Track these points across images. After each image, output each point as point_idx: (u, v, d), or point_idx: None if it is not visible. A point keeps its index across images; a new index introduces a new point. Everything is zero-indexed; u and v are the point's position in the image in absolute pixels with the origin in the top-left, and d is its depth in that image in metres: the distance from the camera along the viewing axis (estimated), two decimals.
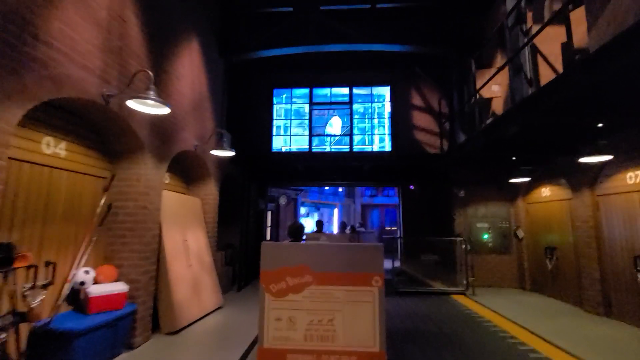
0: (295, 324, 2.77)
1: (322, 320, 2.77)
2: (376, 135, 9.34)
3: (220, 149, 5.67)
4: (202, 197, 6.49)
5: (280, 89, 9.61)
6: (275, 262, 2.87)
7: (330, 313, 2.78)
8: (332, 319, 2.77)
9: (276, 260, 2.87)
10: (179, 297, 4.82)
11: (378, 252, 2.88)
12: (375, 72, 9.28)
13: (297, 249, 3.02)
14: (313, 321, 2.77)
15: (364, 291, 2.80)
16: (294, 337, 2.76)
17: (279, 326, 2.77)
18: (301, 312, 2.78)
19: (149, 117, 4.32)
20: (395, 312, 6.14)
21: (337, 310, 2.78)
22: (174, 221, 5.25)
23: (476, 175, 8.65)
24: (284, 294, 2.81)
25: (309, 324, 2.77)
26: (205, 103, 6.24)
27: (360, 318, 2.77)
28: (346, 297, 2.80)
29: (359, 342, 2.77)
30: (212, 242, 6.55)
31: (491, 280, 8.31)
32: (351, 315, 2.77)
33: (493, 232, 8.49)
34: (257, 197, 9.67)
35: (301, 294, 2.81)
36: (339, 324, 2.77)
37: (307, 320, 2.78)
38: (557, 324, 5.35)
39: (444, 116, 8.83)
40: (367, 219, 19.00)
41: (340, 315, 2.77)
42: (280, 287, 2.82)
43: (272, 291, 2.81)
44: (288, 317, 2.79)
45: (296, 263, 2.84)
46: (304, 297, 2.81)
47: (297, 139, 9.43)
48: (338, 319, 2.78)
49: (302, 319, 2.78)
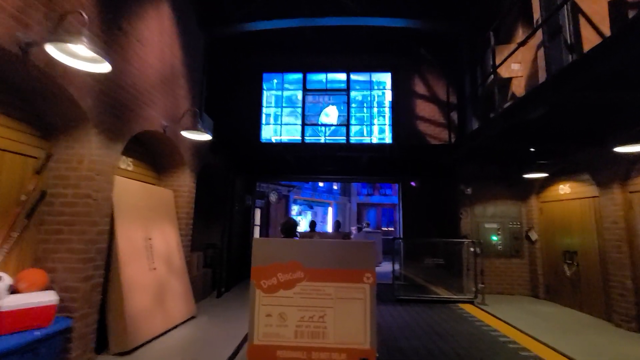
0: (286, 320, 2.74)
1: (313, 317, 2.74)
2: (375, 126, 8.52)
3: (194, 130, 4.79)
4: (175, 188, 5.60)
5: (271, 73, 8.74)
6: (266, 258, 2.81)
7: (322, 310, 2.75)
8: (323, 316, 2.74)
9: (268, 256, 2.82)
10: (135, 307, 3.93)
11: (369, 249, 2.86)
12: (375, 56, 8.46)
13: (289, 245, 3.00)
14: (304, 317, 2.74)
15: (356, 288, 2.78)
16: (285, 334, 2.74)
17: (270, 322, 2.73)
18: (292, 309, 2.75)
19: (94, 82, 3.43)
20: (395, 325, 5.30)
21: (328, 307, 2.75)
22: (133, 215, 4.36)
23: (484, 171, 7.86)
24: (275, 290, 2.77)
25: (299, 320, 2.74)
26: (179, 79, 5.35)
27: (352, 315, 2.75)
28: (337, 294, 2.77)
29: (349, 339, 2.76)
30: (186, 241, 5.66)
31: (500, 287, 7.52)
32: (342, 312, 2.75)
33: (503, 234, 7.71)
34: (244, 193, 8.79)
35: (292, 290, 2.78)
36: (330, 321, 2.75)
37: (298, 316, 2.74)
38: (584, 341, 4.55)
39: (451, 104, 8.03)
40: (363, 219, 18.18)
41: (332, 312, 2.75)
42: (272, 283, 2.77)
43: (263, 287, 2.77)
44: (279, 314, 2.75)
45: (288, 259, 2.81)
46: (295, 294, 2.78)
47: (288, 129, 8.57)
48: (329, 316, 2.75)
49: (293, 315, 2.75)
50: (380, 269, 11.57)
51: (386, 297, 7.02)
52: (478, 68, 5.74)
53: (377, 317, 5.71)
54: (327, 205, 18.17)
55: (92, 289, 3.45)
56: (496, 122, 4.66)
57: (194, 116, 4.83)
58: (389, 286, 8.11)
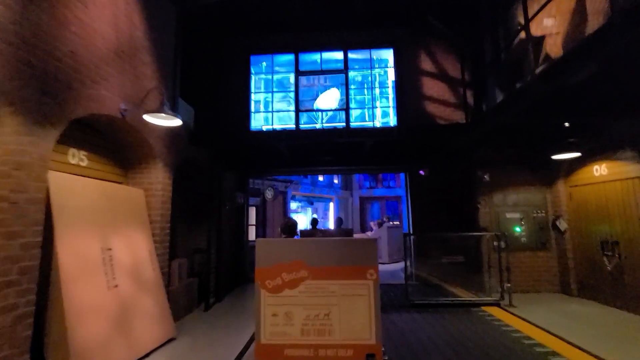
0: (292, 319, 2.76)
1: (319, 315, 2.76)
2: (378, 109, 7.62)
3: (160, 114, 3.90)
4: (146, 187, 4.73)
5: (259, 55, 7.82)
6: (270, 259, 2.84)
7: (326, 307, 2.78)
8: (329, 313, 2.78)
9: (271, 256, 2.85)
10: (85, 338, 3.07)
11: (372, 245, 2.90)
12: (375, 30, 7.52)
13: (292, 245, 3.03)
14: (309, 316, 2.77)
15: (359, 284, 2.80)
16: (291, 332, 2.77)
17: (276, 322, 2.75)
18: (297, 307, 2.77)
19: (4, 45, 2.54)
20: (414, 337, 4.44)
21: (333, 304, 2.79)
22: (85, 221, 3.48)
23: (503, 155, 6.96)
24: (280, 290, 2.81)
25: (305, 318, 2.76)
26: (142, 55, 4.45)
27: (356, 311, 2.77)
28: (342, 291, 2.80)
29: (355, 335, 2.79)
30: (162, 248, 4.79)
31: (525, 284, 6.66)
32: (347, 308, 2.77)
33: (527, 224, 6.83)
34: (235, 190, 7.91)
35: (297, 289, 2.81)
36: (335, 318, 2.77)
37: (303, 315, 2.78)
38: None
39: (465, 81, 7.12)
40: (366, 213, 17.30)
41: (337, 309, 2.77)
42: (276, 283, 2.81)
43: (268, 287, 2.79)
44: (284, 313, 2.76)
45: (291, 259, 2.83)
46: (300, 292, 2.80)
47: (280, 117, 7.67)
48: (334, 313, 2.77)
49: (299, 314, 2.77)
50: (387, 266, 10.76)
51: (399, 302, 6.17)
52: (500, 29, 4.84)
53: (392, 328, 4.88)
54: (328, 200, 17.29)
55: (15, 323, 2.59)
56: (530, 89, 3.75)
57: (160, 97, 3.94)
58: (400, 288, 7.27)
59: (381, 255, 11.14)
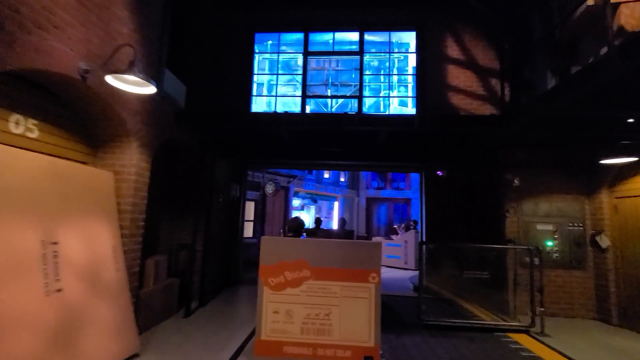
0: (293, 317, 2.78)
1: (319, 315, 2.79)
2: (395, 99, 6.76)
3: (127, 76, 3.11)
4: (118, 169, 3.96)
5: (264, 33, 7.01)
6: (274, 257, 2.86)
7: (327, 308, 2.78)
8: (329, 314, 2.78)
9: (275, 254, 2.87)
10: (8, 358, 2.31)
11: (376, 249, 2.94)
12: (396, 9, 6.66)
13: (296, 244, 3.06)
14: (310, 315, 2.80)
15: (361, 287, 2.81)
16: (291, 330, 2.79)
17: (277, 319, 2.78)
18: (298, 306, 2.80)
19: None
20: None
21: (333, 305, 2.79)
22: (19, 206, 2.72)
23: (536, 156, 6.08)
24: (282, 288, 2.81)
25: (306, 317, 2.80)
26: (116, 8, 3.66)
27: (356, 313, 2.79)
28: (343, 293, 2.81)
29: (354, 336, 2.82)
30: (133, 243, 4.03)
31: (556, 307, 5.77)
32: (347, 310, 2.79)
33: (560, 238, 5.93)
34: (230, 181, 7.14)
35: (299, 288, 2.82)
36: (335, 319, 2.80)
37: (304, 314, 2.79)
38: None
39: (494, 70, 6.24)
40: (372, 215, 16.43)
41: (337, 310, 2.79)
42: (279, 281, 2.82)
43: (271, 285, 2.80)
44: (285, 311, 2.79)
45: (295, 258, 2.85)
46: (302, 292, 2.82)
47: (285, 102, 6.87)
48: (334, 314, 2.79)
49: (300, 312, 2.80)
50: (412, 273, 10.00)
51: (410, 320, 5.33)
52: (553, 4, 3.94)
53: (402, 355, 4.06)
54: (333, 199, 16.46)
55: None
56: (604, 66, 2.87)
57: (133, 57, 3.14)
58: (409, 301, 6.44)
59: (407, 261, 10.91)
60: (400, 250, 11.17)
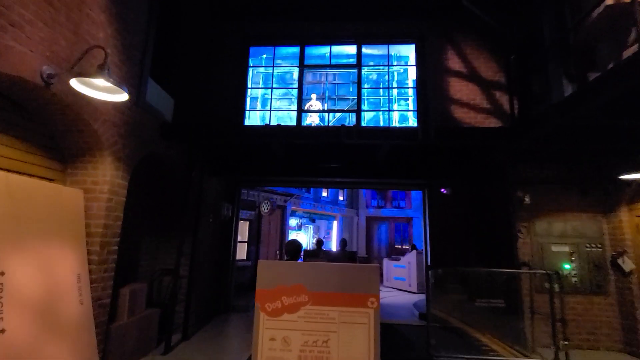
0: (290, 344, 2.68)
1: (317, 341, 2.70)
2: (395, 113, 6.45)
3: (95, 79, 2.76)
4: (89, 186, 3.55)
5: (260, 47, 6.79)
6: (271, 281, 2.76)
7: (325, 334, 2.71)
8: (327, 340, 2.70)
9: (272, 278, 2.77)
10: None
11: (374, 273, 2.81)
12: (395, 22, 6.47)
13: (294, 268, 2.96)
14: (308, 342, 2.70)
15: (360, 312, 2.72)
16: (288, 358, 2.68)
17: (273, 346, 2.69)
18: (296, 333, 2.71)
19: None
20: None
21: (332, 331, 2.71)
22: None
23: (546, 172, 5.71)
24: (279, 314, 2.72)
25: (303, 344, 2.71)
26: (91, 10, 3.35)
27: (355, 340, 2.70)
28: (341, 318, 2.73)
29: None
30: (104, 270, 3.55)
31: (577, 337, 5.22)
32: (346, 336, 2.70)
33: (578, 260, 5.46)
34: (221, 200, 6.71)
35: (296, 314, 2.73)
36: (334, 345, 2.71)
37: (301, 340, 2.70)
38: None
39: (496, 82, 5.97)
40: (372, 235, 15.87)
41: (335, 337, 2.71)
42: (276, 307, 2.72)
43: (268, 310, 2.71)
44: (282, 337, 2.70)
45: (292, 282, 2.76)
46: (299, 317, 2.74)
47: (280, 116, 6.54)
48: (333, 340, 2.71)
49: (297, 339, 2.70)
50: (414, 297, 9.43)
51: (418, 355, 4.77)
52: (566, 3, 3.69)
53: None
54: (332, 218, 15.95)
55: None
56: (633, 64, 2.54)
57: (104, 60, 2.79)
58: (416, 331, 5.88)
59: (410, 283, 10.34)
60: (405, 272, 10.62)
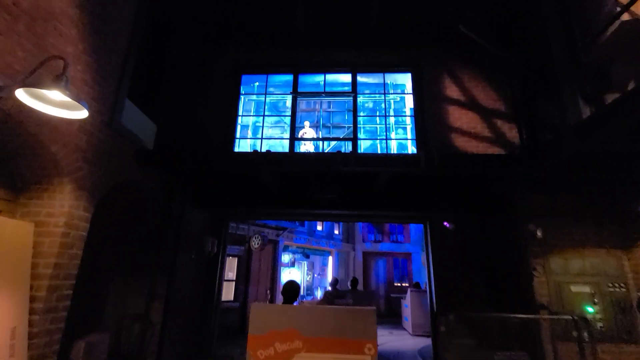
0: None
1: None
2: (393, 141, 6.14)
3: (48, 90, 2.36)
4: (42, 219, 3.03)
5: (252, 75, 6.60)
6: (264, 326, 2.63)
7: None
8: None
9: (265, 323, 2.63)
10: None
11: (370, 317, 2.68)
12: (390, 50, 6.37)
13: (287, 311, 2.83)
14: None
15: None
16: None
17: None
18: None
19: None
20: None
21: None
22: None
23: (557, 203, 5.31)
24: None
25: None
26: (59, 22, 3.04)
27: None
28: None
29: None
30: (51, 321, 2.94)
31: None
32: None
33: (601, 302, 4.90)
34: (205, 234, 6.14)
35: None
36: None
37: None
38: None
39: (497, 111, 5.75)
40: (370, 271, 15.05)
41: None
42: (269, 354, 2.60)
43: (260, 358, 2.59)
44: None
45: (285, 326, 2.63)
46: None
47: (272, 145, 6.20)
48: None
49: None
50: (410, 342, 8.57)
51: None
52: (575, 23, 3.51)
53: None
54: (327, 253, 15.20)
55: None
56: None
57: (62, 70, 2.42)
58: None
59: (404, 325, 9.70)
60: (408, 312, 9.80)
